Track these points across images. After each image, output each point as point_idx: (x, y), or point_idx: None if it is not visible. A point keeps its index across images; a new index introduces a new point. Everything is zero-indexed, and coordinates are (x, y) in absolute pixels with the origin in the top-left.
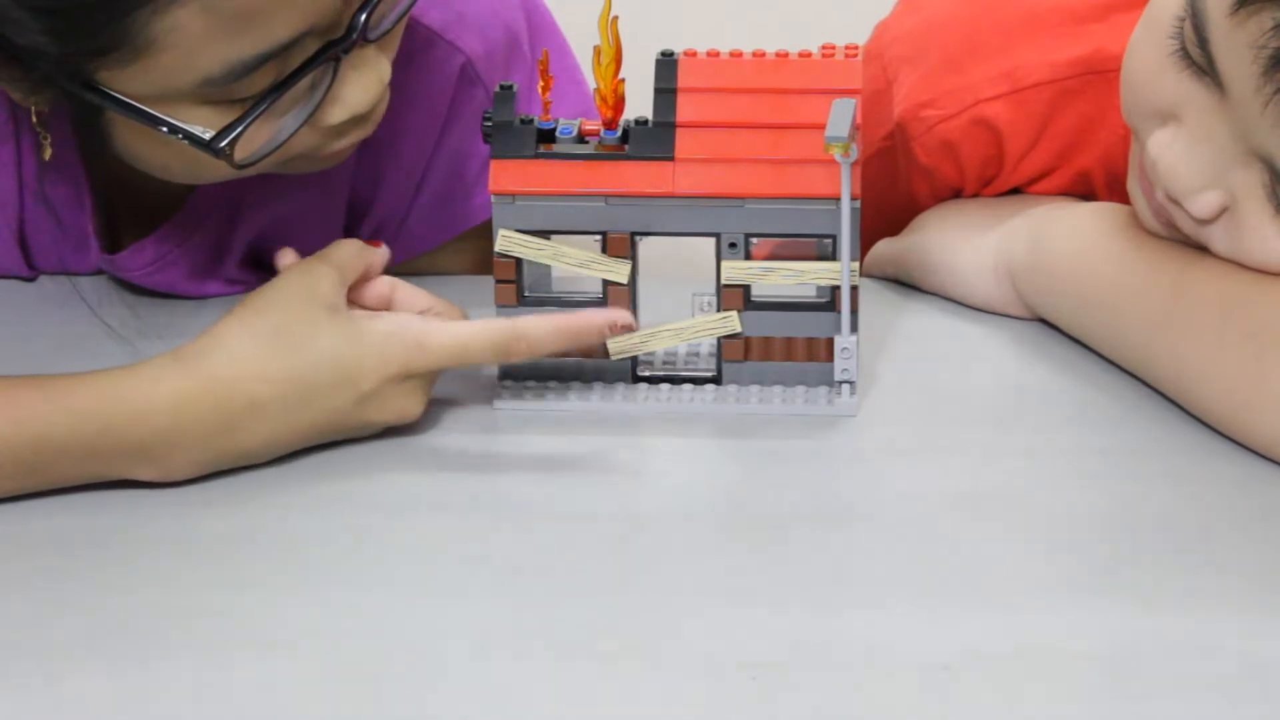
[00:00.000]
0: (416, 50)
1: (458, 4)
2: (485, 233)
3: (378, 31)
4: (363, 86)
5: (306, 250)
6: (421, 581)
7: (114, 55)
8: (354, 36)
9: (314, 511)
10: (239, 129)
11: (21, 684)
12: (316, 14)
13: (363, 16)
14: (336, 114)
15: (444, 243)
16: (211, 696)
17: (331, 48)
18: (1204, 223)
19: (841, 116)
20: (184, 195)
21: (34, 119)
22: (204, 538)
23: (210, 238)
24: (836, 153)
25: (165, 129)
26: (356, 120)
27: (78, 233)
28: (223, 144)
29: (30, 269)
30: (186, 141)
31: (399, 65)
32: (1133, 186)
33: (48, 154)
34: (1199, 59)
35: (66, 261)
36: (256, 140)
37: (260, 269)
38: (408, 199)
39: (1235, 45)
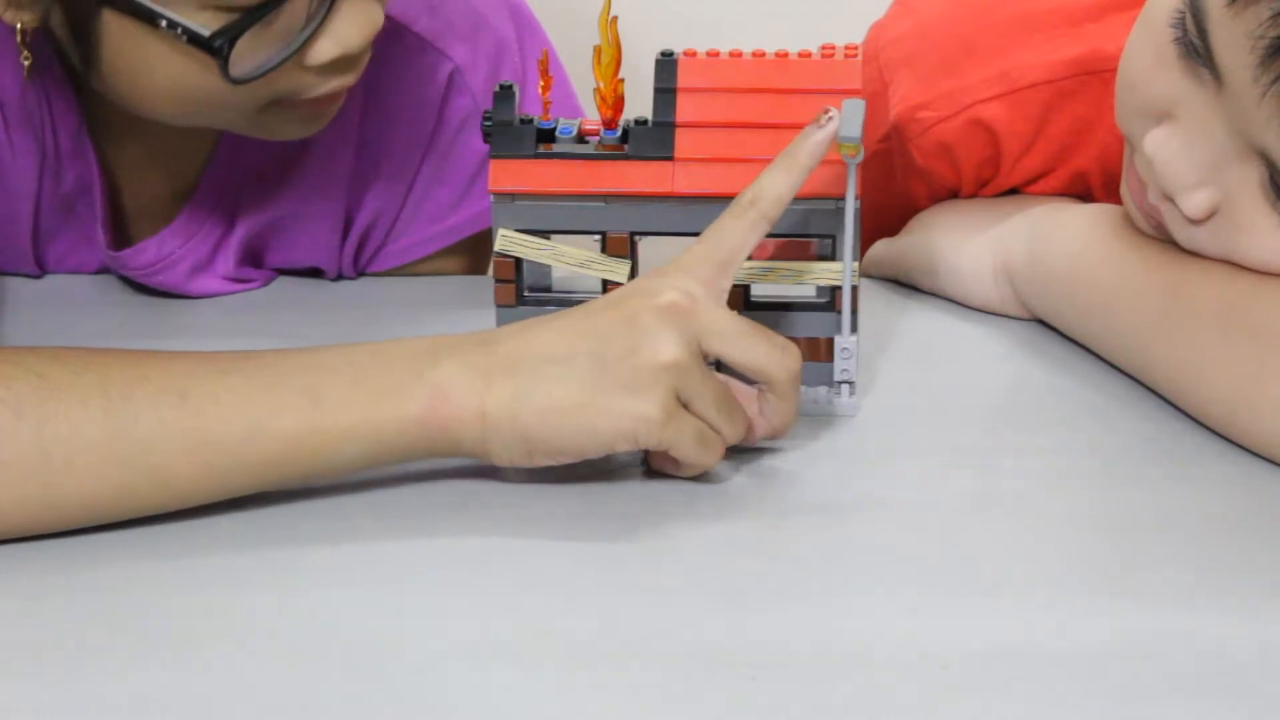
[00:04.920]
0: (407, 57)
1: (447, 13)
2: (474, 241)
3: None
4: (356, 24)
5: (303, 247)
6: (420, 582)
7: None
8: None
9: (313, 512)
10: (238, 30)
11: (21, 682)
12: None
13: None
14: (327, 49)
15: (424, 258)
16: (210, 696)
17: None
18: (1195, 223)
19: (853, 117)
20: (187, 194)
21: (19, 38)
22: (203, 537)
23: (211, 239)
24: (846, 153)
25: (164, 24)
26: (340, 65)
27: (87, 227)
28: (220, 43)
29: (38, 267)
30: (184, 38)
31: (390, 72)
32: (1124, 191)
33: (28, 73)
34: (1199, 48)
35: (73, 260)
36: (253, 54)
37: (259, 267)
38: (398, 204)
39: (1233, 36)
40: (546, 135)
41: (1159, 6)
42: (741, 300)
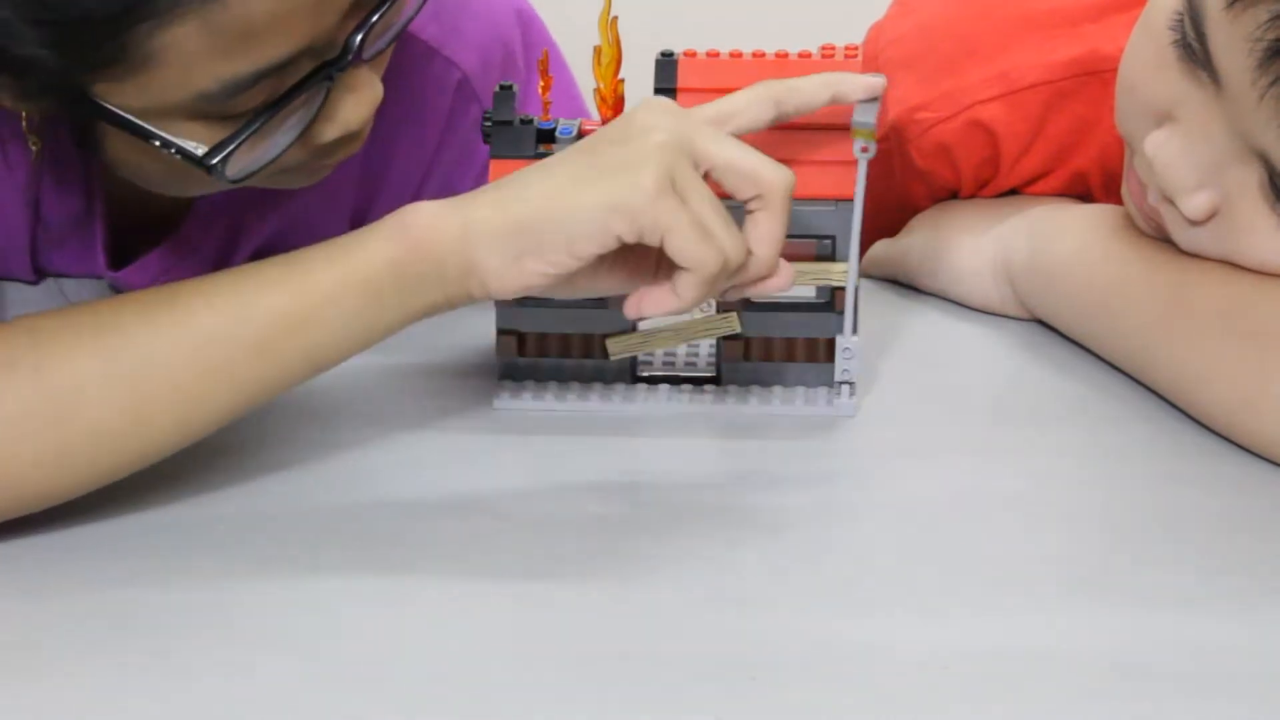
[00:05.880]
0: (414, 65)
1: (454, 20)
2: None
3: (372, 51)
4: (355, 105)
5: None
6: (420, 581)
7: (111, 69)
8: (349, 57)
9: (313, 511)
10: (231, 146)
11: (21, 682)
12: (313, 34)
13: (358, 37)
14: (329, 132)
15: None
16: (207, 695)
17: (326, 67)
18: (1195, 224)
19: (868, 107)
20: (187, 209)
21: (24, 124)
22: (203, 537)
23: (213, 253)
24: (861, 140)
25: (158, 144)
26: (346, 138)
27: (85, 246)
28: (215, 160)
29: (36, 274)
30: (179, 157)
31: (396, 79)
32: (1125, 193)
33: (36, 157)
34: (1197, 51)
35: (72, 270)
36: (249, 156)
37: None
38: None
39: (1231, 39)
40: (546, 135)
41: (1158, 9)
42: (742, 301)
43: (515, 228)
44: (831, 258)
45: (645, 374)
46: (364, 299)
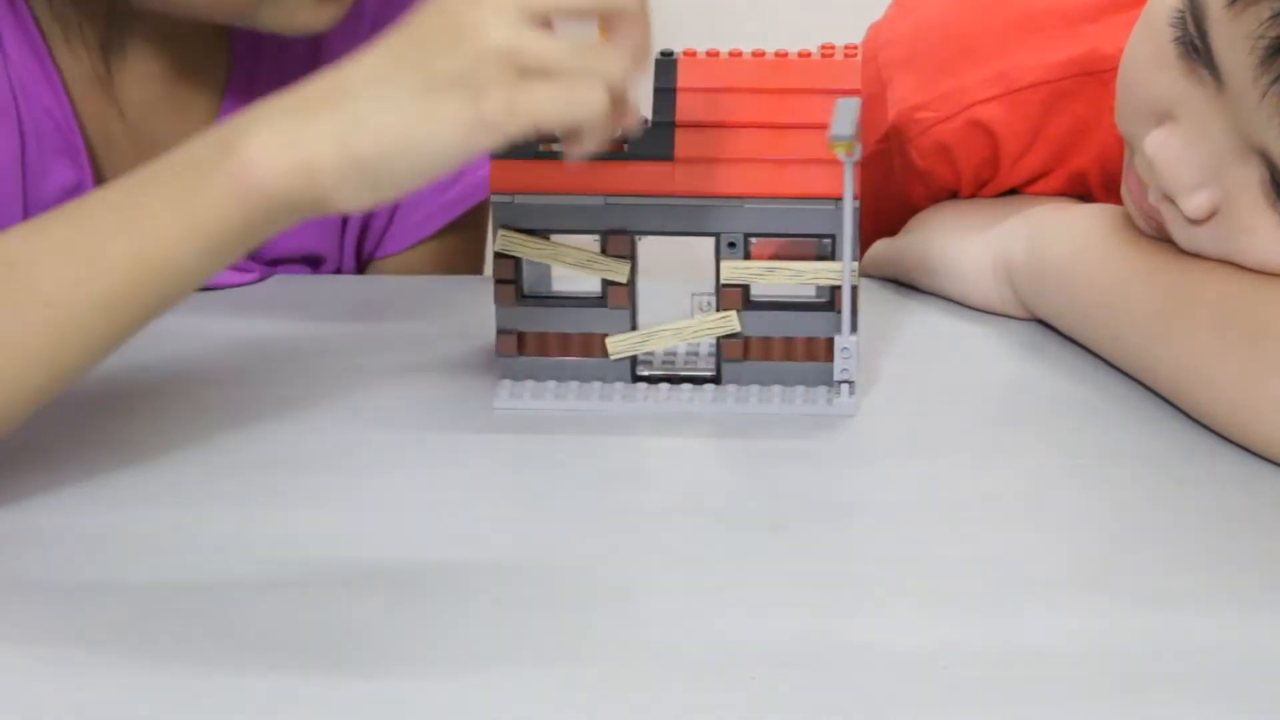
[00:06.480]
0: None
1: None
2: (470, 224)
3: None
4: None
5: (306, 239)
6: (420, 581)
7: None
8: None
9: (310, 511)
10: None
11: (22, 680)
12: None
13: None
14: None
15: (429, 237)
16: (205, 692)
17: None
18: (1195, 224)
19: (845, 115)
20: None
21: None
22: (200, 536)
23: None
24: (840, 152)
25: None
26: None
27: None
28: None
29: None
30: None
31: (386, 9)
32: (1124, 192)
33: (47, 15)
34: (1198, 48)
35: None
36: None
37: (256, 259)
38: None
39: (1233, 37)
40: (547, 135)
41: (1159, 6)
42: (741, 300)
43: (363, 164)
44: (831, 257)
45: (645, 373)
46: (210, 244)
